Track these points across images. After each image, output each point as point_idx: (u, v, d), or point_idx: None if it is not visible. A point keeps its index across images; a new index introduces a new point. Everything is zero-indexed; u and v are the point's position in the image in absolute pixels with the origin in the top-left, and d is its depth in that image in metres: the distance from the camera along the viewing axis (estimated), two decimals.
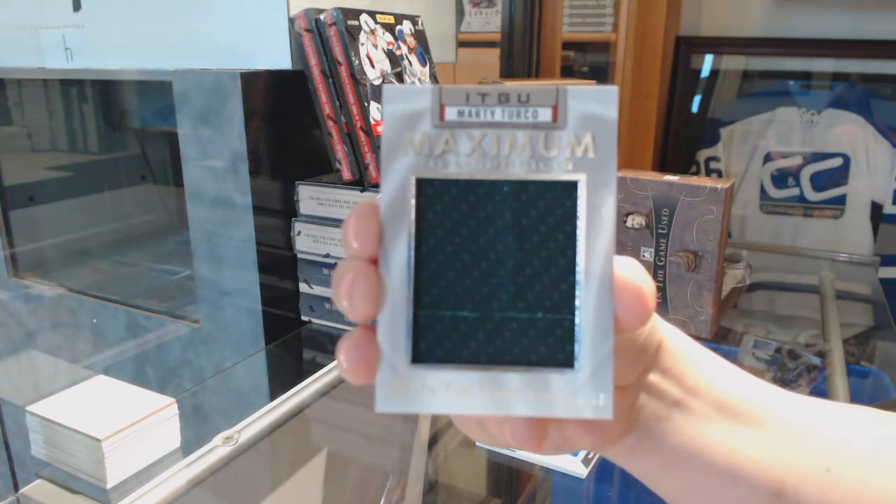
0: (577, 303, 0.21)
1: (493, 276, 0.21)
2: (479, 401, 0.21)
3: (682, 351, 0.27)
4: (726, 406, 0.27)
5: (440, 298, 0.21)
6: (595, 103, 0.21)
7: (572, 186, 0.21)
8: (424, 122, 0.20)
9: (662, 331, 0.27)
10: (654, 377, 0.26)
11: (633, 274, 0.21)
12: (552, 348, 0.21)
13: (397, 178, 0.20)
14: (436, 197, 0.21)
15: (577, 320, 0.21)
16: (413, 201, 0.21)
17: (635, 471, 0.29)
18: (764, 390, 0.29)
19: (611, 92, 0.21)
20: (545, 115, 0.21)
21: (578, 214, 0.21)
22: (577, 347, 0.21)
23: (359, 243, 0.21)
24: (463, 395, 0.20)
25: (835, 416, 0.30)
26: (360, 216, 0.21)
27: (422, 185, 0.21)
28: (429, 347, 0.21)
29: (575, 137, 0.21)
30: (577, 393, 0.20)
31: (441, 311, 0.21)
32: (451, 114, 0.21)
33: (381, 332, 0.20)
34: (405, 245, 0.20)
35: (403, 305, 0.20)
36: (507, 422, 0.22)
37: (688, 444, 0.27)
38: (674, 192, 0.85)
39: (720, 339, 0.88)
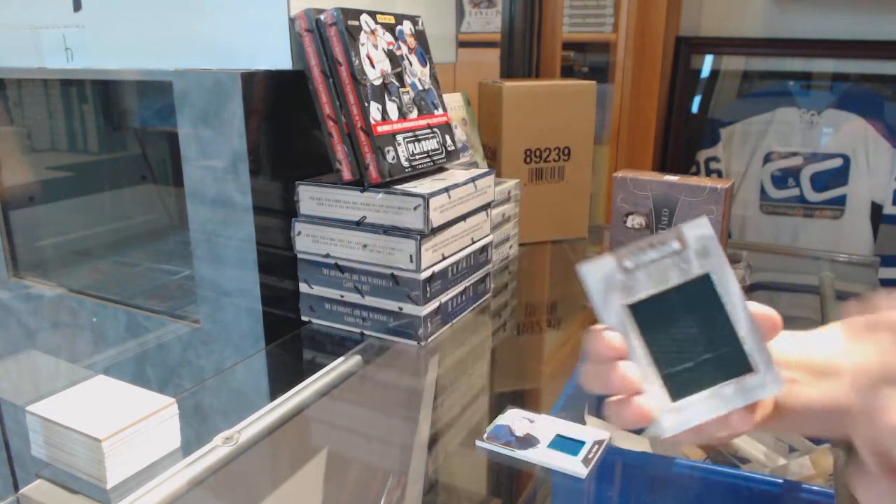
0: (741, 335, 0.35)
1: (690, 338, 0.35)
2: (716, 406, 0.34)
3: (786, 341, 0.38)
4: (817, 371, 0.37)
5: (669, 363, 0.35)
6: (699, 228, 0.34)
7: (707, 277, 0.34)
8: (615, 275, 0.34)
9: None
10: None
11: (761, 308, 0.35)
12: (741, 365, 0.34)
13: (619, 307, 0.34)
14: (640, 310, 0.35)
15: (745, 348, 0.35)
16: (631, 317, 0.35)
17: (763, 428, 0.39)
18: (836, 349, 0.38)
19: (704, 220, 0.34)
20: (676, 245, 0.35)
21: (718, 291, 0.34)
22: (752, 360, 0.34)
23: (615, 352, 0.34)
24: (707, 408, 0.34)
25: None
26: (603, 339, 0.35)
27: (631, 308, 0.35)
28: (676, 390, 0.34)
29: (696, 251, 0.34)
30: (763, 383, 0.34)
31: (674, 370, 0.35)
32: (627, 264, 0.34)
33: (648, 392, 0.34)
34: (640, 343, 0.34)
35: (654, 374, 0.34)
36: (733, 413, 0.34)
37: (801, 404, 0.37)
38: (674, 192, 0.85)
39: None
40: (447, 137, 0.94)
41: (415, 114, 0.88)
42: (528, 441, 0.63)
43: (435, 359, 0.85)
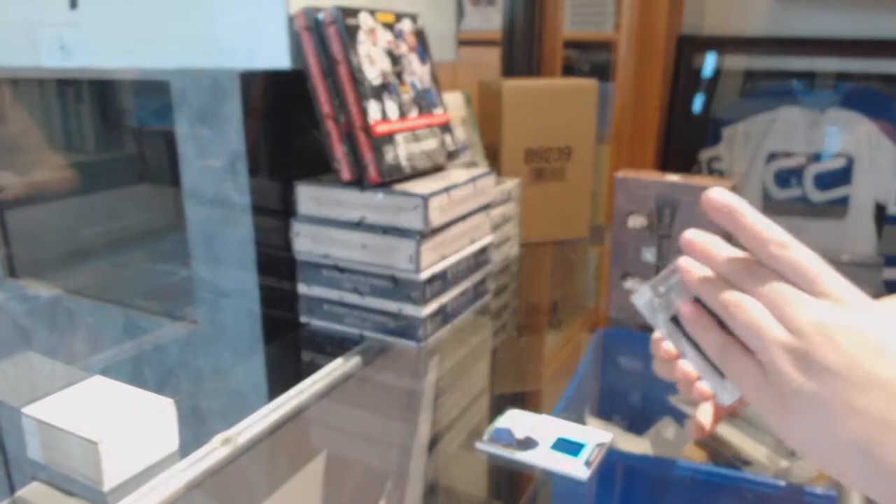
0: None
1: None
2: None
3: None
4: None
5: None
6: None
7: None
8: (654, 299, 0.44)
9: None
10: None
11: None
12: None
13: (665, 321, 0.44)
14: (680, 319, 0.43)
15: None
16: (677, 326, 0.43)
17: None
18: None
19: None
20: None
21: None
22: None
23: (671, 356, 0.47)
24: None
25: None
26: (661, 348, 0.48)
27: (673, 319, 0.43)
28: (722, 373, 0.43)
29: None
30: None
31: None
32: (661, 289, 0.43)
33: (705, 378, 0.43)
34: (687, 344, 0.43)
35: (707, 364, 0.42)
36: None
37: None
38: (676, 192, 0.85)
39: None
40: (447, 137, 0.93)
41: (414, 113, 0.88)
42: (528, 443, 0.63)
43: (435, 360, 0.84)
